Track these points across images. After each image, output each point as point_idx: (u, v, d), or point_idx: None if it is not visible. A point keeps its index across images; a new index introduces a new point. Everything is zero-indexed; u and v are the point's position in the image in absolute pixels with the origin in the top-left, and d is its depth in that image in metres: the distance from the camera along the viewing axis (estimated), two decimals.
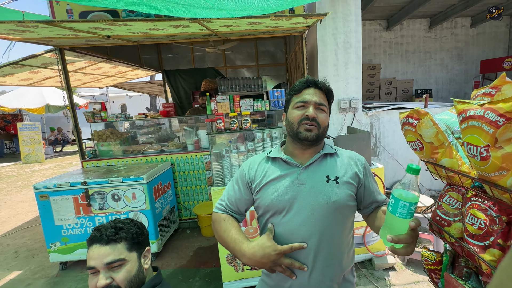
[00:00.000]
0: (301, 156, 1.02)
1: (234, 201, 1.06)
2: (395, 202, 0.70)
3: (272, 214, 0.98)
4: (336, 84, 3.64)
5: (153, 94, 10.07)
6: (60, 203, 2.76)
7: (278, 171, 1.00)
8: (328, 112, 1.03)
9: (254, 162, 1.09)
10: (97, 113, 3.40)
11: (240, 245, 0.91)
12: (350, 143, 2.53)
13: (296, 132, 0.97)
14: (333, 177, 0.96)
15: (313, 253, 0.92)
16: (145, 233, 1.06)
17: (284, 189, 0.96)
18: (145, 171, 2.93)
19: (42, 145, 10.20)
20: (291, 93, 1.04)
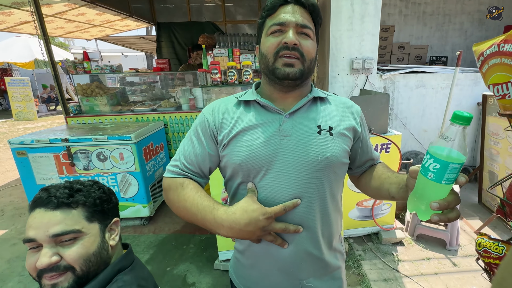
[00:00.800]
0: (283, 101, 0.78)
1: (195, 160, 0.78)
2: (441, 166, 0.51)
3: (245, 176, 0.74)
4: (350, 40, 3.22)
5: (147, 51, 9.43)
6: (40, 161, 2.50)
7: (253, 119, 0.75)
8: (315, 40, 0.76)
9: (220, 106, 0.81)
10: (79, 63, 3.01)
11: (214, 213, 0.67)
12: (365, 104, 2.21)
13: (272, 69, 0.72)
14: (326, 128, 0.75)
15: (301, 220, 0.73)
16: (113, 200, 0.80)
17: (262, 143, 0.72)
18: (133, 130, 2.63)
19: (33, 102, 9.78)
20: (263, 14, 0.76)
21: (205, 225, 0.70)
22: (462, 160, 0.50)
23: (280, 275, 0.78)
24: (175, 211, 0.77)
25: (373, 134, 2.24)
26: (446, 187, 0.53)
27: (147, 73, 3.72)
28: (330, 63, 3.28)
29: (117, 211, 0.82)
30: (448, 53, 6.51)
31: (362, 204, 2.36)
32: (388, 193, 0.73)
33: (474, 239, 2.37)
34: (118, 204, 0.83)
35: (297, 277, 0.78)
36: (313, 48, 0.74)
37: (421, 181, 0.56)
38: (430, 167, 0.52)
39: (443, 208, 0.53)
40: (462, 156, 0.50)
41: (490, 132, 2.76)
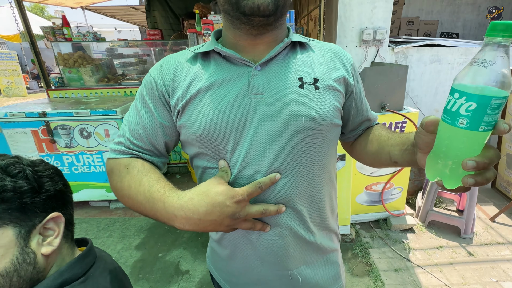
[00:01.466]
0: (252, 49, 0.59)
1: (143, 133, 0.60)
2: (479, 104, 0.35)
3: (211, 150, 0.57)
4: (360, 7, 2.90)
5: (141, 25, 8.90)
6: (17, 137, 2.26)
7: (214, 75, 0.57)
8: None
9: (170, 62, 0.61)
10: (58, 29, 2.68)
11: (164, 200, 0.51)
12: (380, 78, 1.97)
13: (235, 1, 0.51)
14: (310, 80, 0.58)
15: (286, 197, 0.58)
16: (46, 188, 0.54)
17: (228, 105, 0.55)
18: (120, 104, 2.37)
19: (21, 77, 9.35)
20: None
21: (157, 217, 0.53)
22: (507, 94, 0.36)
23: (264, 266, 0.63)
24: (121, 202, 0.60)
25: (387, 111, 2.00)
26: (483, 136, 0.38)
27: (135, 42, 3.39)
28: (338, 34, 2.97)
29: (60, 202, 0.57)
30: (459, 30, 6.16)
31: (371, 188, 2.17)
32: (389, 157, 0.59)
33: (489, 227, 2.21)
34: (62, 191, 0.57)
35: (285, 267, 0.63)
36: None
37: (447, 133, 0.40)
38: (461, 110, 0.38)
39: (481, 167, 0.38)
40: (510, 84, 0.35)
41: (511, 111, 2.54)
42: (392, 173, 2.12)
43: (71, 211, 0.62)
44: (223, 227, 0.51)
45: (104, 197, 2.49)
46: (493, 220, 2.26)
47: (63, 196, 0.58)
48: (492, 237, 2.09)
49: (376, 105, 2.03)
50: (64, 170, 2.36)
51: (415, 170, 2.49)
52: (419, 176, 2.52)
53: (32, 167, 0.54)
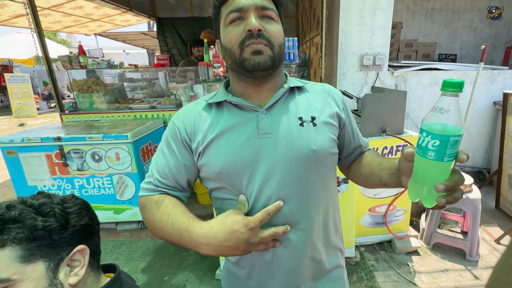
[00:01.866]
0: (257, 97, 0.71)
1: (169, 173, 0.71)
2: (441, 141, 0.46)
3: (229, 184, 0.67)
4: (360, 35, 3.05)
5: (149, 48, 9.27)
6: (32, 161, 2.35)
7: (228, 121, 0.68)
8: (280, 22, 0.69)
9: (189, 112, 0.73)
10: (75, 58, 2.85)
11: (189, 230, 0.60)
12: (380, 103, 2.05)
13: (240, 61, 0.65)
14: (308, 118, 0.69)
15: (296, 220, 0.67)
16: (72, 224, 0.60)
17: (241, 145, 0.66)
18: (130, 128, 2.48)
19: (33, 99, 9.66)
20: (216, 3, 0.68)
21: (184, 245, 0.62)
22: (461, 133, 0.47)
23: (277, 283, 0.71)
24: (153, 233, 0.69)
25: (387, 135, 2.07)
26: (448, 165, 0.48)
27: (146, 69, 3.56)
28: (339, 59, 3.11)
29: (86, 234, 0.63)
30: (457, 51, 6.32)
31: (374, 210, 2.20)
32: (380, 180, 0.68)
33: (494, 249, 2.21)
34: (87, 224, 0.64)
35: (295, 284, 0.71)
36: (279, 32, 0.67)
37: (421, 163, 0.50)
38: (429, 145, 0.47)
39: (450, 189, 0.48)
40: (460, 128, 0.46)
41: (511, 133, 2.59)
42: (395, 195, 2.16)
43: (97, 241, 0.69)
44: (240, 251, 0.59)
45: (111, 219, 2.54)
46: (498, 242, 2.26)
47: (89, 229, 0.65)
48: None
49: (377, 129, 2.10)
50: (74, 192, 2.44)
51: None
52: None
53: (61, 204, 0.61)
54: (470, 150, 3.48)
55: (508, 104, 2.63)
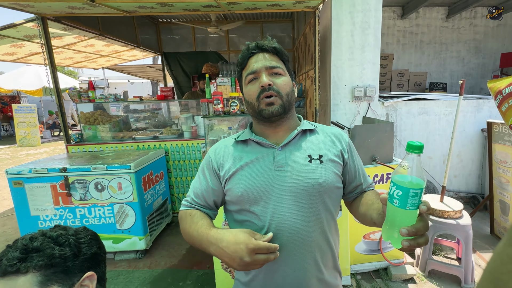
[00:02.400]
0: (274, 136, 0.89)
1: (201, 194, 0.90)
2: (403, 192, 0.55)
3: (248, 206, 0.82)
4: (351, 69, 3.27)
5: (153, 79, 9.68)
6: (37, 192, 2.44)
7: (250, 155, 0.86)
8: (288, 75, 0.88)
9: (221, 146, 0.93)
10: (84, 92, 3.05)
11: (208, 233, 0.75)
12: (369, 134, 2.18)
13: (258, 111, 0.85)
14: (316, 156, 0.84)
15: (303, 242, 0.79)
16: (84, 252, 0.71)
17: (260, 175, 0.82)
18: (133, 158, 2.60)
19: (38, 128, 9.91)
20: (238, 69, 0.91)
21: (202, 246, 0.76)
22: (421, 186, 0.55)
23: None
24: (186, 240, 0.85)
25: (377, 164, 2.18)
26: (412, 213, 0.56)
27: (150, 101, 3.75)
28: (332, 91, 3.30)
29: (94, 262, 0.73)
30: (447, 80, 6.59)
31: (369, 237, 2.24)
32: (371, 219, 0.77)
33: None
34: (96, 253, 0.75)
35: None
36: (286, 83, 0.85)
37: (389, 209, 0.59)
38: (394, 194, 0.57)
39: (411, 234, 0.56)
40: (421, 182, 0.55)
41: (497, 160, 2.69)
42: None
43: (104, 268, 0.78)
44: (234, 264, 0.68)
45: (110, 248, 2.57)
46: None
47: (97, 257, 0.75)
48: None
49: (368, 158, 2.21)
50: (75, 222, 2.50)
51: None
52: None
53: (75, 235, 0.72)
54: (463, 176, 3.56)
55: (493, 132, 2.76)
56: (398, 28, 6.26)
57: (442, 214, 2.15)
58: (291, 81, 0.88)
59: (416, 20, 6.24)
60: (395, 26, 6.25)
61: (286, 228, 0.77)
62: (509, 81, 1.68)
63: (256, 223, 0.80)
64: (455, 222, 2.11)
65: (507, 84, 1.66)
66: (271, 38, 0.90)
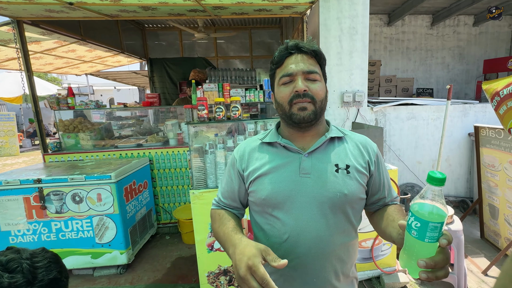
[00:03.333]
0: (302, 140, 0.86)
1: (227, 194, 0.92)
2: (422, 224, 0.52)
3: (270, 209, 0.82)
4: (339, 74, 3.25)
5: (140, 86, 9.50)
6: (8, 205, 2.27)
7: (276, 159, 0.84)
8: (323, 80, 0.85)
9: (246, 147, 0.92)
10: (63, 99, 2.91)
11: (231, 236, 0.75)
12: None
13: (289, 115, 0.82)
14: (343, 166, 0.81)
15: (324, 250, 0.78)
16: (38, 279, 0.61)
17: (285, 180, 0.80)
18: (115, 168, 2.46)
19: (16, 137, 9.52)
20: (272, 67, 0.87)
21: (225, 247, 0.76)
22: (442, 219, 0.51)
23: None
24: (214, 237, 0.89)
25: None
26: (431, 245, 0.53)
27: (133, 108, 3.62)
28: None
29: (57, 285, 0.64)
30: (433, 85, 6.72)
31: (360, 244, 2.17)
32: (390, 237, 0.75)
33: (482, 281, 2.18)
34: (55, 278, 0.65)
35: None
36: (321, 89, 0.81)
37: (408, 238, 0.56)
38: (412, 225, 0.53)
39: (430, 267, 0.53)
40: (442, 214, 0.51)
41: (485, 164, 2.69)
42: None
43: None
44: (236, 273, 0.64)
45: (89, 264, 2.41)
46: (485, 274, 2.23)
47: (57, 283, 0.65)
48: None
49: None
50: (50, 237, 2.33)
51: None
52: None
53: (30, 259, 0.61)
54: (452, 180, 3.57)
55: (480, 136, 2.77)
56: (385, 35, 6.38)
57: None
58: (325, 87, 0.85)
59: (402, 27, 6.37)
60: (382, 33, 6.36)
61: (309, 236, 0.77)
62: (507, 82, 1.64)
63: (278, 228, 0.80)
64: (447, 228, 2.06)
65: (504, 86, 1.62)
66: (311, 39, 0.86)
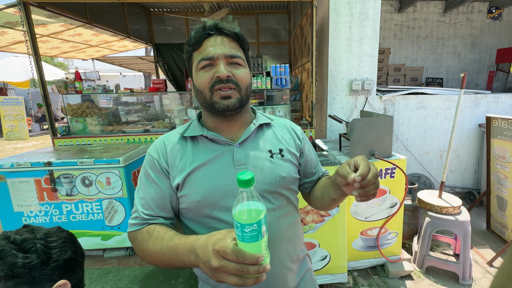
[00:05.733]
0: (229, 131, 0.80)
1: (153, 203, 0.74)
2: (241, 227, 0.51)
3: (209, 211, 0.72)
4: (348, 62, 3.19)
5: (145, 72, 9.46)
6: (20, 186, 2.32)
7: (205, 154, 0.75)
8: (247, 66, 0.78)
9: (165, 143, 0.79)
10: (71, 83, 2.91)
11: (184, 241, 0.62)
12: (368, 128, 2.11)
13: (211, 103, 0.74)
14: (276, 151, 0.80)
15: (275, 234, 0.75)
16: (53, 260, 0.61)
17: (219, 175, 0.73)
18: (123, 152, 2.48)
19: (25, 121, 9.63)
20: (188, 49, 0.76)
21: (180, 260, 0.62)
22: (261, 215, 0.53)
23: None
24: (148, 261, 0.70)
25: (376, 158, 2.11)
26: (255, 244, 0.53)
27: (141, 93, 3.62)
28: (329, 84, 3.22)
29: (68, 269, 0.64)
30: (443, 75, 6.58)
31: (366, 233, 2.19)
32: (329, 197, 0.78)
33: (487, 272, 2.19)
34: (70, 258, 0.65)
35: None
36: (246, 75, 0.75)
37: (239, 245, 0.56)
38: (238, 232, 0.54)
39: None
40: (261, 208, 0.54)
41: (496, 155, 2.66)
42: (386, 218, 2.16)
43: (80, 274, 0.68)
44: (207, 269, 0.54)
45: (99, 245, 2.47)
46: (490, 265, 2.24)
47: (72, 263, 0.65)
48: None
49: (366, 152, 2.14)
50: (62, 218, 2.39)
51: (409, 213, 2.53)
52: (413, 219, 2.55)
53: (44, 239, 0.62)
54: (459, 171, 3.54)
55: (492, 127, 2.72)
56: (395, 22, 6.20)
57: (441, 210, 2.11)
58: (250, 73, 0.78)
59: (413, 14, 6.18)
60: (392, 20, 6.18)
61: None
62: None
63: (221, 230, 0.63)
64: (454, 218, 2.07)
65: None
66: (231, 19, 0.76)
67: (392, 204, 2.16)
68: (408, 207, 2.52)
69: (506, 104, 3.39)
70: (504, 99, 3.38)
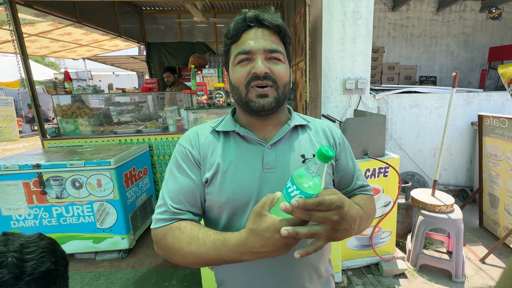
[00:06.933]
0: (262, 130, 0.75)
1: (183, 197, 0.68)
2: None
3: (232, 213, 0.68)
4: (342, 61, 3.18)
5: (138, 71, 9.35)
6: (8, 190, 2.26)
7: (235, 152, 0.71)
8: (287, 62, 0.72)
9: (197, 134, 0.75)
10: (60, 83, 2.85)
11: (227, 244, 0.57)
12: (361, 127, 2.10)
13: (246, 101, 0.69)
14: (310, 156, 0.72)
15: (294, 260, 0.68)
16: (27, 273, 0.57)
17: (247, 177, 0.68)
18: (114, 153, 2.44)
19: (16, 122, 9.46)
20: (226, 42, 0.72)
21: (223, 260, 0.59)
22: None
23: None
24: (180, 261, 0.64)
25: (369, 158, 2.11)
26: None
27: (132, 93, 3.57)
28: (323, 83, 3.21)
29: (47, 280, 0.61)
30: (436, 73, 6.63)
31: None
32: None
33: (480, 269, 2.21)
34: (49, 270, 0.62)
35: None
36: (285, 72, 0.70)
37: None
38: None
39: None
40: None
41: (488, 153, 2.68)
42: (380, 217, 2.16)
43: (62, 284, 0.65)
44: (283, 251, 0.54)
45: (90, 248, 2.43)
46: (483, 262, 2.26)
47: (51, 274, 0.61)
48: (483, 280, 2.08)
49: (360, 152, 2.14)
50: (52, 222, 2.34)
51: (402, 212, 2.54)
52: (407, 218, 2.56)
53: (19, 251, 0.58)
54: (452, 169, 3.57)
55: (483, 125, 2.74)
56: (389, 20, 6.22)
57: (434, 209, 2.11)
58: (289, 70, 0.72)
59: (407, 12, 6.20)
60: (386, 19, 6.20)
61: None
62: None
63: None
64: (447, 216, 2.07)
65: None
66: (273, 10, 0.70)
67: (386, 203, 2.16)
68: (401, 205, 2.52)
69: (498, 102, 3.42)
70: (496, 97, 3.41)
